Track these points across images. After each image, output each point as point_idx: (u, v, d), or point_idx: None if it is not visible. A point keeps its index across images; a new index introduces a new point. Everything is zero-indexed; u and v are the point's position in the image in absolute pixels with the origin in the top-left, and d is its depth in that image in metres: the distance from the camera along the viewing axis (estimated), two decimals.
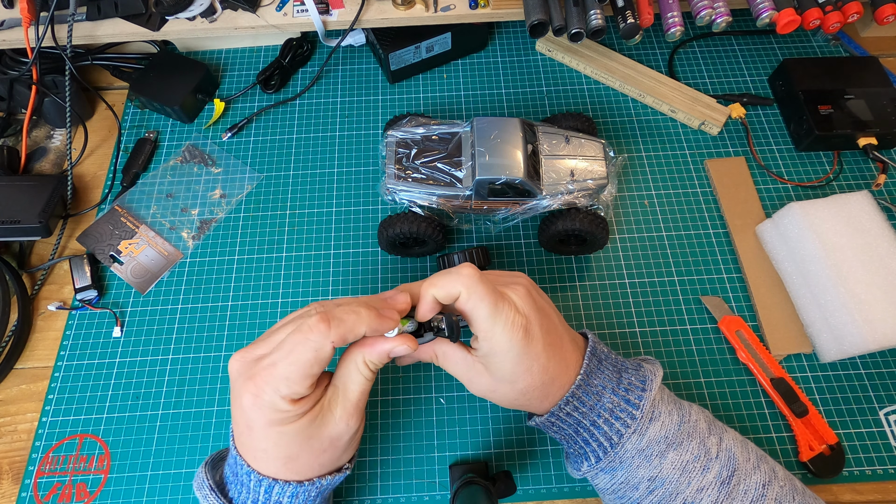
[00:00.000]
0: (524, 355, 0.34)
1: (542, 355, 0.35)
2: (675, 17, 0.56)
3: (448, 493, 0.46)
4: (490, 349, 0.34)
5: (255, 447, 0.33)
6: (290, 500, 0.33)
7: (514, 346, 0.34)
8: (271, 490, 0.33)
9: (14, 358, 0.52)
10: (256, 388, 0.31)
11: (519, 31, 0.70)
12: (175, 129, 0.64)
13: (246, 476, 0.33)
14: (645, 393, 0.36)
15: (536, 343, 0.34)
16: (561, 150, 0.50)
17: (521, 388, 0.35)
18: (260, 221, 0.58)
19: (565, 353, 0.36)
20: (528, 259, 0.56)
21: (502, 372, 0.35)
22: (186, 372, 0.51)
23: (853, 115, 0.58)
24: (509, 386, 0.35)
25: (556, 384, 0.36)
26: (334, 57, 0.68)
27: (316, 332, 0.30)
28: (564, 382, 0.36)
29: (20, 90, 0.61)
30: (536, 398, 0.36)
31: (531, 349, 0.34)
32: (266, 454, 0.33)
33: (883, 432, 0.48)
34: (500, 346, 0.34)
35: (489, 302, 0.33)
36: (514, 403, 0.37)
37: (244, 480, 0.33)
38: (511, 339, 0.33)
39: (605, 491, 0.39)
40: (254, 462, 0.33)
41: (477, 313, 0.33)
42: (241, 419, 0.33)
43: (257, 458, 0.33)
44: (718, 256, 0.55)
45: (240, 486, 0.34)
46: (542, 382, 0.35)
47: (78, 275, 0.54)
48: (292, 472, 0.33)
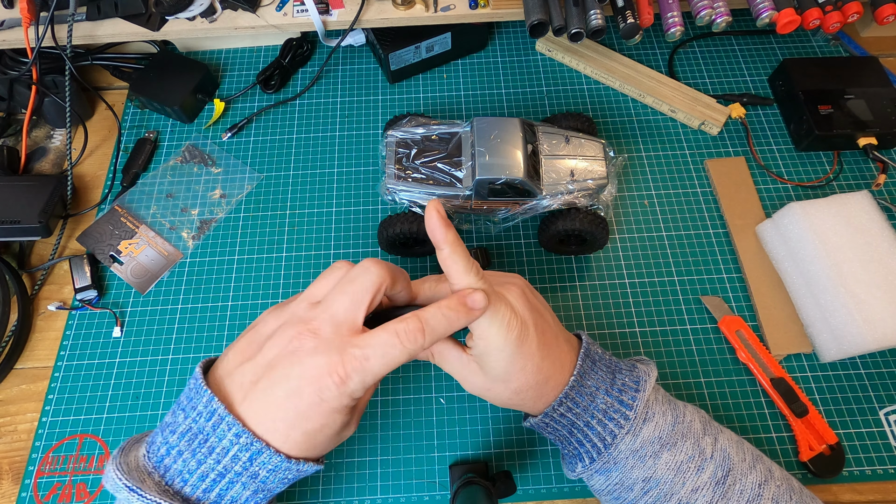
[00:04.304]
0: (518, 355, 0.34)
1: (536, 355, 0.35)
2: (675, 17, 0.56)
3: (448, 493, 0.46)
4: (485, 348, 0.34)
5: (293, 428, 0.30)
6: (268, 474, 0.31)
7: (508, 345, 0.34)
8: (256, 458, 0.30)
9: (14, 358, 0.52)
10: (346, 373, 0.30)
11: (519, 31, 0.70)
12: (175, 129, 0.64)
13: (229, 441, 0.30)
14: (639, 394, 0.37)
15: (531, 343, 0.34)
16: (561, 150, 0.50)
17: (515, 388, 0.35)
18: (260, 221, 0.58)
19: (560, 352, 0.36)
20: (528, 259, 0.56)
21: (496, 371, 0.35)
22: (186, 372, 0.51)
23: (853, 115, 0.58)
24: (503, 385, 0.35)
25: (551, 384, 0.36)
26: (334, 57, 0.68)
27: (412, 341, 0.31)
28: (559, 382, 0.36)
29: (20, 90, 0.61)
30: (530, 398, 0.36)
31: (525, 349, 0.34)
32: (301, 436, 0.30)
33: (883, 432, 0.48)
34: (494, 345, 0.34)
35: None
36: (508, 403, 0.37)
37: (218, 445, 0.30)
38: (505, 339, 0.33)
39: (601, 492, 0.39)
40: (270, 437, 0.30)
41: None
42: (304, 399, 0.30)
43: (282, 439, 0.30)
44: (718, 256, 0.55)
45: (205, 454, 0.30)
46: (536, 382, 0.35)
47: (78, 275, 0.54)
48: (302, 450, 0.31)
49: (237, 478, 0.30)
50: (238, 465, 0.30)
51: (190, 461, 0.30)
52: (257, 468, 0.30)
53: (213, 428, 0.30)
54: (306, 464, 0.31)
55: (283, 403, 0.30)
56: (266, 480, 0.31)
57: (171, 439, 0.31)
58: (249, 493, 0.31)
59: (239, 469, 0.30)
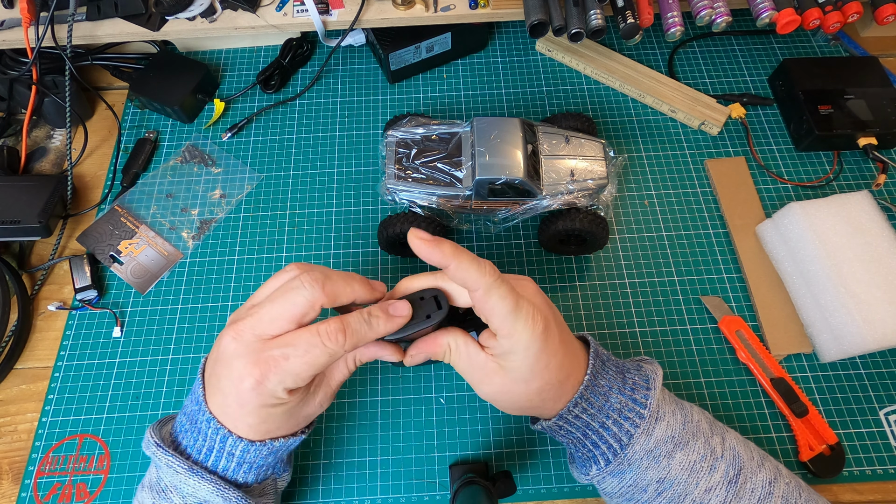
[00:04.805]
0: (543, 351, 0.34)
1: (559, 351, 0.34)
2: (675, 17, 0.56)
3: (448, 493, 0.46)
4: (510, 346, 0.33)
5: (238, 419, 0.34)
6: (241, 453, 0.34)
7: (535, 341, 0.33)
8: (226, 440, 0.34)
9: (14, 358, 0.52)
10: (262, 375, 0.32)
11: (519, 31, 0.70)
12: (175, 129, 0.64)
13: (206, 423, 0.34)
14: (650, 392, 0.36)
15: (554, 338, 0.34)
16: (561, 150, 0.50)
17: (537, 387, 0.35)
18: (260, 221, 0.58)
19: (576, 349, 0.36)
20: (528, 259, 0.56)
21: (520, 370, 0.34)
22: (186, 372, 0.51)
23: (853, 115, 0.58)
24: (524, 385, 0.34)
25: (570, 382, 0.35)
26: (334, 57, 0.68)
27: (334, 341, 0.32)
28: (577, 381, 0.36)
29: (20, 90, 0.61)
30: (550, 398, 0.35)
31: (550, 345, 0.34)
32: (249, 427, 0.34)
33: (883, 432, 0.48)
34: (521, 343, 0.33)
35: (511, 300, 0.33)
36: (523, 406, 0.36)
37: (202, 428, 0.34)
38: (532, 334, 0.33)
39: (613, 495, 0.38)
40: (230, 424, 0.34)
41: (497, 311, 0.33)
42: (233, 395, 0.33)
43: (238, 426, 0.34)
44: (718, 256, 0.55)
45: (196, 434, 0.35)
46: (557, 380, 0.35)
47: (78, 275, 0.54)
48: (260, 434, 0.35)
49: (220, 454, 0.34)
50: (216, 444, 0.34)
51: (189, 438, 0.35)
52: (230, 448, 0.34)
53: (199, 413, 0.35)
54: (275, 442, 0.35)
55: (223, 399, 0.34)
56: (243, 458, 0.35)
57: (182, 419, 0.36)
58: (234, 465, 0.35)
59: (217, 448, 0.34)
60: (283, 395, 0.33)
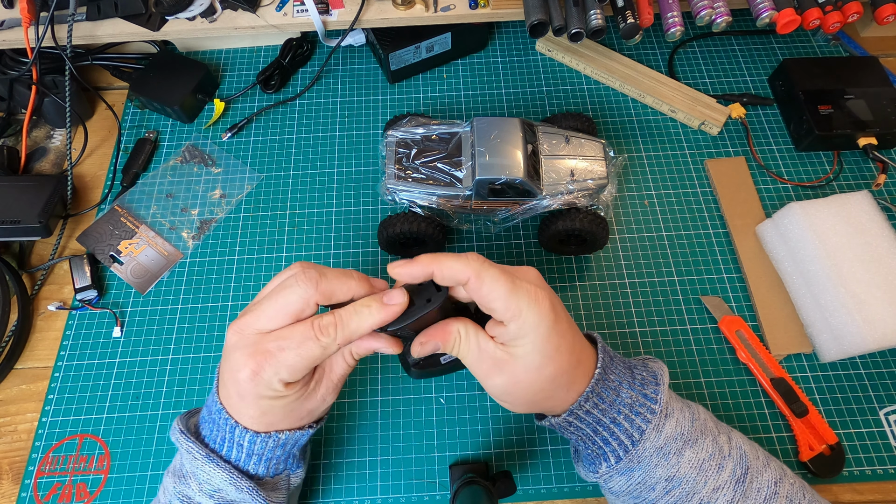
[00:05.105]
0: (553, 331, 0.33)
1: (568, 332, 0.34)
2: (675, 17, 0.56)
3: (448, 493, 0.46)
4: (519, 329, 0.33)
5: (241, 411, 0.35)
6: (249, 444, 0.36)
7: (543, 319, 0.32)
8: (234, 430, 0.35)
9: (14, 358, 0.52)
10: (258, 366, 0.33)
11: (519, 31, 0.70)
12: (175, 129, 0.64)
13: (217, 413, 0.36)
14: (660, 387, 0.36)
15: (562, 320, 0.34)
16: (561, 150, 0.50)
17: (549, 374, 0.33)
18: (260, 221, 0.58)
19: (582, 338, 0.36)
20: (528, 259, 0.56)
21: (531, 355, 0.33)
22: (186, 372, 0.51)
23: (853, 115, 0.58)
24: (535, 374, 0.33)
25: (581, 369, 0.35)
26: (334, 57, 0.68)
27: (326, 334, 0.33)
28: (586, 370, 0.35)
29: (20, 90, 0.61)
30: (563, 385, 0.34)
31: (559, 325, 0.33)
32: (251, 418, 0.35)
33: (883, 432, 0.48)
34: (529, 323, 0.32)
35: (505, 280, 0.32)
36: (534, 400, 0.35)
37: (216, 419, 0.36)
38: (539, 314, 0.32)
39: (619, 493, 0.37)
40: (235, 415, 0.36)
41: (495, 294, 0.32)
42: (233, 387, 0.34)
43: (241, 418, 0.35)
44: (718, 256, 0.55)
45: (212, 424, 0.36)
46: (570, 365, 0.34)
47: (78, 275, 0.54)
48: (264, 426, 0.36)
49: (231, 444, 0.36)
50: (227, 434, 0.36)
51: (207, 428, 0.37)
52: (238, 439, 0.35)
53: (213, 404, 0.36)
54: (280, 434, 0.36)
55: (226, 391, 0.35)
56: (251, 450, 0.36)
57: (204, 411, 0.38)
58: (244, 456, 0.36)
59: (229, 438, 0.36)
60: (279, 387, 0.33)
